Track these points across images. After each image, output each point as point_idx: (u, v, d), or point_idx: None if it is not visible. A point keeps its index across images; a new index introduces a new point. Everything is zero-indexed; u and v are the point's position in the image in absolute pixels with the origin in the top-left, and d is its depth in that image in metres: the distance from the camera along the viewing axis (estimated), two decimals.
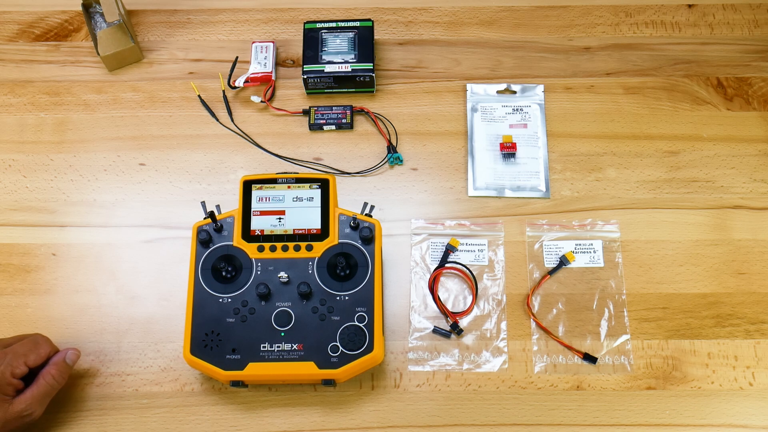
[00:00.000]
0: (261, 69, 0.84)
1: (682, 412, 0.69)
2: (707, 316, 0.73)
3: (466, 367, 0.71)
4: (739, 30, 0.88)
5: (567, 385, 0.70)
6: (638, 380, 0.70)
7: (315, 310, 0.66)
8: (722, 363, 0.71)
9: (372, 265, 0.68)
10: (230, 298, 0.67)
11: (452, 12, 0.90)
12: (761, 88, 0.84)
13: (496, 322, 0.73)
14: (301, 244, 0.69)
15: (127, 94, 0.85)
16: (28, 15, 0.90)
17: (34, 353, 0.65)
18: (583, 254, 0.75)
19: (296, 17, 0.89)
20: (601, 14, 0.89)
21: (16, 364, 0.63)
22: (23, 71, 0.86)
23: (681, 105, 0.83)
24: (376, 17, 0.88)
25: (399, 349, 0.72)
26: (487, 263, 0.75)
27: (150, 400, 0.70)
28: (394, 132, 0.82)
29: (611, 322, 0.72)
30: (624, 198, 0.78)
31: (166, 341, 0.72)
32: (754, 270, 0.75)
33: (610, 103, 0.83)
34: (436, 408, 0.69)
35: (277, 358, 0.65)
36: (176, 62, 0.87)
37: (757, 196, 0.78)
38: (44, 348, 0.66)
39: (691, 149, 0.81)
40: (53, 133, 0.83)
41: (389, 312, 0.73)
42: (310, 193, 0.70)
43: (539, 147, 0.81)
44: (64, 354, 0.67)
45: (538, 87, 0.84)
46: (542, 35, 0.88)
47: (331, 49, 0.83)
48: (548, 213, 0.78)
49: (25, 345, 0.65)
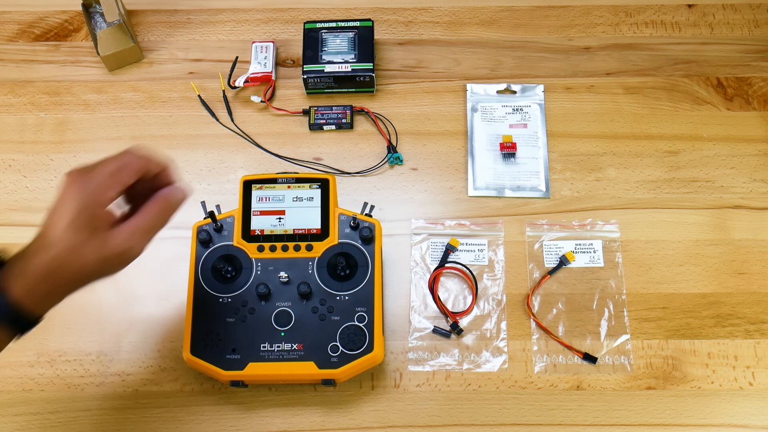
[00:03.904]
0: (261, 69, 0.84)
1: (682, 412, 0.69)
2: (707, 316, 0.73)
3: (466, 367, 0.71)
4: (739, 30, 0.88)
5: (567, 385, 0.70)
6: (638, 380, 0.70)
7: (315, 310, 0.66)
8: (722, 363, 0.71)
9: (372, 265, 0.68)
10: (230, 298, 0.67)
11: (452, 12, 0.90)
12: (761, 88, 0.84)
13: (496, 322, 0.72)
14: (301, 244, 0.69)
15: (127, 94, 0.85)
16: (28, 15, 0.90)
17: (118, 179, 0.52)
18: (583, 254, 0.75)
19: (296, 17, 0.89)
20: (601, 14, 0.89)
21: (99, 192, 0.51)
22: (23, 71, 0.86)
23: (681, 105, 0.83)
24: (376, 17, 0.88)
25: (399, 349, 0.72)
26: (487, 263, 0.75)
27: (150, 400, 0.70)
28: (394, 132, 0.82)
29: (611, 322, 0.72)
30: (624, 198, 0.78)
31: (166, 341, 0.72)
32: (754, 270, 0.75)
33: (610, 103, 0.83)
34: (436, 408, 0.69)
35: (277, 358, 0.65)
36: (176, 62, 0.87)
37: (757, 196, 0.78)
38: (132, 169, 0.53)
39: (691, 149, 0.81)
40: (53, 133, 0.83)
41: (389, 312, 0.73)
42: (310, 193, 0.70)
43: (539, 147, 0.81)
44: (168, 192, 0.56)
45: (538, 87, 0.84)
46: (542, 35, 0.88)
47: (331, 49, 0.83)
48: (548, 213, 0.78)
49: (108, 168, 0.52)
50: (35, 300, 0.51)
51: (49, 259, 0.50)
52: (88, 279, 0.53)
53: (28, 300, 0.50)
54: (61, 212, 0.50)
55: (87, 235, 0.50)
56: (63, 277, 0.51)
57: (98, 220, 0.51)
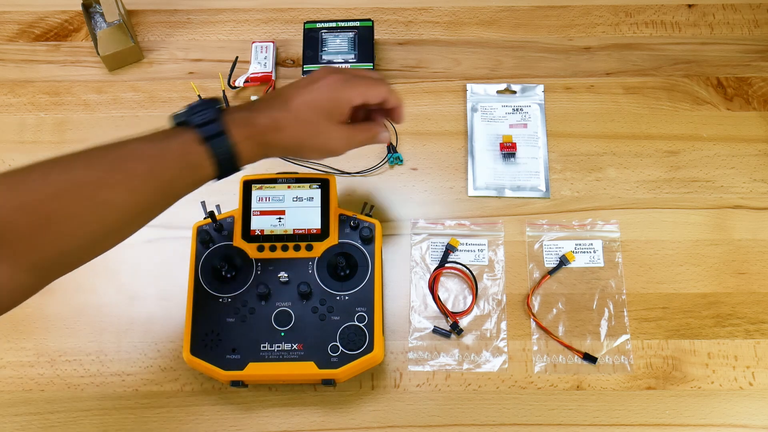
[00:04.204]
0: (261, 69, 0.84)
1: (682, 412, 0.69)
2: (707, 316, 0.73)
3: (466, 367, 0.71)
4: (739, 30, 0.88)
5: (567, 385, 0.70)
6: (638, 380, 0.70)
7: (315, 310, 0.66)
8: (722, 363, 0.71)
9: (372, 265, 0.68)
10: (230, 298, 0.67)
11: (452, 12, 0.90)
12: (761, 88, 0.84)
13: (496, 322, 0.73)
14: (301, 244, 0.69)
15: (127, 94, 0.85)
16: (28, 15, 0.90)
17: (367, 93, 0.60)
18: (583, 254, 0.75)
19: (296, 17, 0.89)
20: (601, 14, 0.89)
21: (350, 94, 0.59)
22: (23, 71, 0.86)
23: (681, 105, 0.83)
24: (376, 17, 0.88)
25: (399, 349, 0.72)
26: (487, 263, 0.75)
27: (150, 400, 0.70)
28: (394, 132, 0.82)
29: (611, 322, 0.72)
30: (624, 198, 0.78)
31: (166, 341, 0.72)
32: (754, 270, 0.75)
33: (610, 103, 0.83)
34: (436, 408, 0.69)
35: (277, 358, 0.65)
36: (176, 62, 0.87)
37: (757, 196, 0.78)
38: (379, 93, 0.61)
39: (691, 149, 0.81)
40: (53, 133, 0.83)
41: (389, 312, 0.73)
42: (310, 193, 0.70)
43: (539, 147, 0.81)
44: (381, 128, 0.64)
45: (538, 87, 0.84)
46: (542, 35, 0.88)
47: (331, 49, 0.83)
48: (548, 213, 0.78)
49: (365, 81, 0.61)
50: (248, 150, 0.55)
51: (278, 119, 0.57)
52: (292, 152, 0.61)
53: (243, 147, 0.55)
54: (312, 90, 0.58)
55: (320, 119, 0.58)
56: (279, 139, 0.57)
57: (336, 113, 0.59)
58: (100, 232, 0.49)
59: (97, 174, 0.49)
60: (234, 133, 0.54)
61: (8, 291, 0.46)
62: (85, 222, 0.48)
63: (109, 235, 0.51)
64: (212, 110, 0.54)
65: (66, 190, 0.47)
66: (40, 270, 0.47)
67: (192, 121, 0.54)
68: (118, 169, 0.50)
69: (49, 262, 0.48)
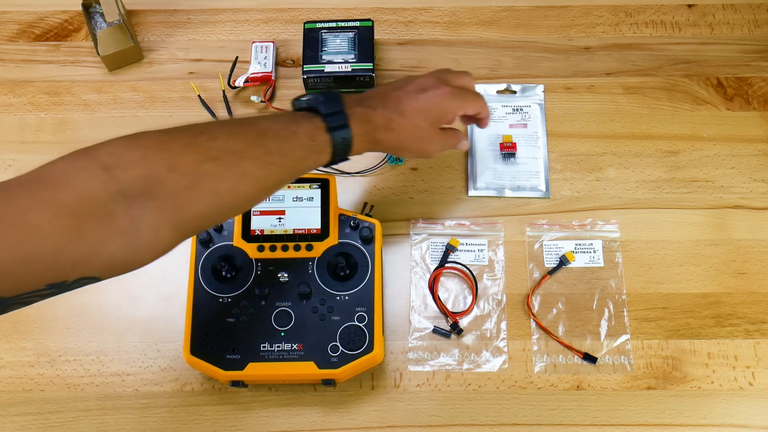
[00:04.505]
0: (261, 69, 0.84)
1: (682, 412, 0.69)
2: (707, 316, 0.73)
3: (466, 367, 0.71)
4: (739, 30, 0.88)
5: (567, 385, 0.70)
6: (638, 380, 0.70)
7: (315, 310, 0.66)
8: (722, 363, 0.71)
9: (372, 265, 0.68)
10: (230, 298, 0.67)
11: (452, 12, 0.90)
12: (761, 88, 0.84)
13: (496, 322, 0.73)
14: (301, 244, 0.69)
15: (127, 94, 0.85)
16: (28, 15, 0.90)
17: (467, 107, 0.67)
18: (583, 254, 0.75)
19: (296, 17, 0.89)
20: (601, 14, 0.89)
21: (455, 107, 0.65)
22: (23, 71, 0.86)
23: (681, 105, 0.83)
24: (376, 17, 0.88)
25: (399, 349, 0.72)
26: (487, 263, 0.75)
27: (150, 400, 0.70)
28: None
29: (611, 322, 0.72)
30: (624, 198, 0.78)
31: (166, 341, 0.72)
32: (754, 270, 0.75)
33: (610, 103, 0.83)
34: (436, 408, 0.69)
35: (277, 358, 0.65)
36: (176, 62, 0.87)
37: (757, 196, 0.78)
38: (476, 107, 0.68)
39: (691, 149, 0.81)
40: (53, 133, 0.83)
41: (389, 312, 0.73)
42: (310, 193, 0.70)
43: (539, 147, 0.81)
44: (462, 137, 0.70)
45: (538, 87, 0.84)
46: (542, 35, 0.88)
47: (331, 49, 0.83)
48: (548, 213, 0.78)
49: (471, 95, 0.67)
50: (360, 143, 0.60)
51: (391, 120, 0.62)
52: (392, 150, 0.65)
53: (357, 140, 0.60)
54: (424, 98, 0.63)
55: (427, 125, 0.64)
56: (388, 138, 0.62)
57: (442, 121, 0.65)
58: (236, 200, 0.53)
59: (239, 146, 0.52)
60: (353, 127, 0.59)
61: (149, 244, 0.48)
62: (226, 188, 0.51)
63: (240, 204, 0.55)
64: (338, 102, 0.59)
65: (213, 157, 0.50)
66: (180, 228, 0.50)
67: (320, 110, 0.58)
68: (256, 144, 0.53)
69: (188, 222, 0.50)
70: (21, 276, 0.42)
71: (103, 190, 0.45)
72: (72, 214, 0.44)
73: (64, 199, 0.44)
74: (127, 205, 0.46)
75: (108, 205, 0.45)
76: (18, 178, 0.45)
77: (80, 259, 0.45)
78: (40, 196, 0.44)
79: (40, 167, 0.46)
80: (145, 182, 0.47)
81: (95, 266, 0.46)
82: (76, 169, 0.46)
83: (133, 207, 0.46)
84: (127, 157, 0.47)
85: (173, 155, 0.49)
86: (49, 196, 0.44)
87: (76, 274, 0.45)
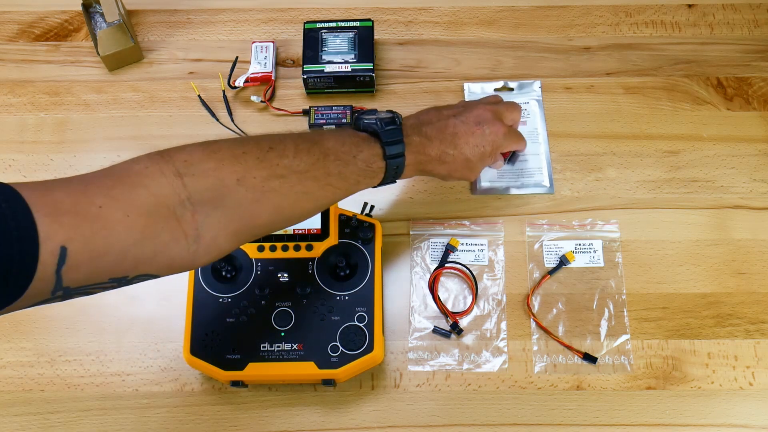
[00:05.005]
0: (261, 69, 0.84)
1: (682, 412, 0.69)
2: (707, 316, 0.73)
3: (466, 367, 0.71)
4: (739, 30, 0.88)
5: (567, 385, 0.70)
6: (638, 380, 0.70)
7: (315, 310, 0.66)
8: (722, 363, 0.71)
9: (372, 265, 0.68)
10: (230, 298, 0.67)
11: (452, 12, 0.90)
12: (761, 88, 0.84)
13: (496, 322, 0.73)
14: (301, 244, 0.69)
15: (127, 94, 0.85)
16: (28, 15, 0.90)
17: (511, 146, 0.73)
18: (583, 254, 0.75)
19: (296, 17, 0.89)
20: (601, 14, 0.89)
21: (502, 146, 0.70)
22: (23, 71, 0.86)
23: (681, 105, 0.83)
24: (376, 17, 0.88)
25: (399, 349, 0.72)
26: (487, 263, 0.75)
27: (150, 400, 0.70)
28: None
29: (611, 322, 0.72)
30: (624, 198, 0.78)
31: (166, 341, 0.72)
32: (754, 270, 0.75)
33: (610, 103, 0.83)
34: (436, 408, 0.69)
35: (277, 358, 0.65)
36: (176, 62, 0.87)
37: (757, 196, 0.78)
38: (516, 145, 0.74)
39: (691, 149, 0.81)
40: (53, 133, 0.83)
41: (389, 312, 0.73)
42: None
43: (540, 143, 0.81)
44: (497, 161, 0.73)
45: (535, 83, 0.84)
46: (542, 35, 0.88)
47: (331, 49, 0.83)
48: (548, 213, 0.78)
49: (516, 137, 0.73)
50: (410, 172, 0.64)
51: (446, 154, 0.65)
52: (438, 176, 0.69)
53: (409, 170, 0.63)
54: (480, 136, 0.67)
55: (478, 161, 0.68)
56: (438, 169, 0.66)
57: (489, 157, 0.69)
58: (293, 215, 0.56)
59: (304, 166, 0.55)
60: (408, 156, 0.62)
61: (208, 249, 0.51)
62: (287, 204, 0.54)
63: (296, 218, 0.57)
64: (398, 130, 0.61)
65: (279, 174, 0.53)
66: (239, 236, 0.53)
67: (382, 137, 0.61)
68: (319, 165, 0.56)
69: (247, 232, 0.53)
70: (90, 269, 0.44)
71: (174, 194, 0.47)
72: (144, 214, 0.46)
73: (138, 199, 0.46)
74: (193, 210, 0.48)
75: (177, 209, 0.47)
76: (96, 173, 0.47)
77: (145, 258, 0.47)
78: (116, 194, 0.45)
79: (117, 164, 0.48)
80: (213, 192, 0.49)
81: (157, 265, 0.48)
82: (152, 172, 0.48)
83: (199, 213, 0.48)
84: (201, 166, 0.50)
85: (244, 169, 0.51)
86: (124, 195, 0.46)
87: (138, 271, 0.47)
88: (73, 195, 0.44)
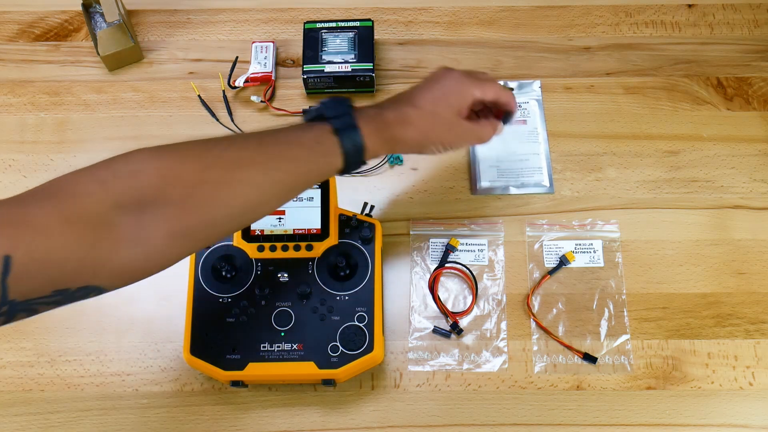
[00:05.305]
0: (261, 69, 0.84)
1: (682, 412, 0.69)
2: (707, 316, 0.73)
3: (466, 367, 0.71)
4: (739, 30, 0.88)
5: (567, 385, 0.70)
6: (638, 380, 0.70)
7: (315, 310, 0.66)
8: (722, 363, 0.71)
9: (372, 265, 0.68)
10: (230, 298, 0.67)
11: (452, 12, 0.90)
12: (761, 88, 0.84)
13: (496, 322, 0.73)
14: (301, 244, 0.69)
15: (127, 94, 0.85)
16: (28, 15, 0.90)
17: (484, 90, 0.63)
18: (583, 254, 0.75)
19: (296, 17, 0.89)
20: (601, 14, 0.89)
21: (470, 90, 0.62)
22: (23, 71, 0.86)
23: (681, 105, 0.83)
24: (376, 17, 0.88)
25: (399, 349, 0.72)
26: (487, 263, 0.75)
27: (150, 400, 0.70)
28: None
29: (611, 322, 0.72)
30: (624, 198, 0.78)
31: (166, 341, 0.72)
32: (754, 270, 0.75)
33: (610, 103, 0.83)
34: (436, 408, 0.69)
35: (277, 358, 0.65)
36: (176, 62, 0.87)
37: (757, 196, 0.78)
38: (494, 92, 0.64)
39: (691, 149, 0.81)
40: (53, 133, 0.83)
41: (389, 312, 0.73)
42: (309, 193, 0.70)
43: (539, 142, 0.81)
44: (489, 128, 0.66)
45: (534, 83, 0.84)
46: (542, 35, 0.88)
47: (331, 49, 0.83)
48: (548, 213, 0.78)
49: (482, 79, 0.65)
50: (375, 143, 0.58)
51: (405, 113, 0.60)
52: (417, 146, 0.62)
53: (370, 140, 0.58)
54: (437, 87, 0.62)
55: (446, 111, 0.61)
56: (406, 133, 0.60)
57: (461, 106, 0.62)
58: (241, 207, 0.53)
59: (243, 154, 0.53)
60: (363, 127, 0.57)
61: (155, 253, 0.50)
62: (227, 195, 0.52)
63: (248, 211, 0.54)
64: (344, 105, 0.58)
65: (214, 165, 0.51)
66: (185, 237, 0.51)
67: (325, 113, 0.57)
68: (259, 151, 0.54)
69: (193, 231, 0.51)
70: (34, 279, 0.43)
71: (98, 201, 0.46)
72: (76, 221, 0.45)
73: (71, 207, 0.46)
74: (128, 214, 0.47)
75: (108, 214, 0.46)
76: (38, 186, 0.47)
77: (87, 266, 0.46)
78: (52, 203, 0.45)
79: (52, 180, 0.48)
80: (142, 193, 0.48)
81: (102, 275, 0.47)
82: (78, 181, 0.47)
83: (134, 216, 0.47)
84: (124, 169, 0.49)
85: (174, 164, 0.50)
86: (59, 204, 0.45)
87: (81, 281, 0.46)
88: (13, 207, 0.44)
